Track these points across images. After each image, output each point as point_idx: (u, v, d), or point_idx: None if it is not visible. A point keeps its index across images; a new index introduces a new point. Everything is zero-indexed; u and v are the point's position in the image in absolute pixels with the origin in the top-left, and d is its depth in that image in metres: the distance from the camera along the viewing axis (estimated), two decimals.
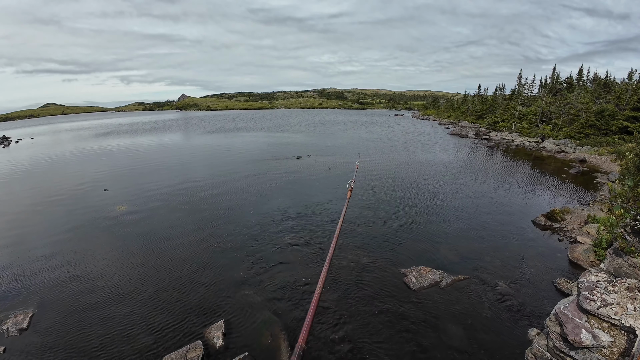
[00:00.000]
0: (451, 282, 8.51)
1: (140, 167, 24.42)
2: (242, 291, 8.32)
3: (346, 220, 12.86)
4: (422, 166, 23.52)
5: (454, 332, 6.76)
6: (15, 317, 7.34)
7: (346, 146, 34.12)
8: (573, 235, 11.10)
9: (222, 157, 28.17)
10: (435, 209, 14.26)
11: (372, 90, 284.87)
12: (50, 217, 14.17)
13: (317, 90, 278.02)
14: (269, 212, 13.95)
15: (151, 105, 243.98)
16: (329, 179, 19.57)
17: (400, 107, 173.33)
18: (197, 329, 6.95)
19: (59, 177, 21.94)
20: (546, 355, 5.19)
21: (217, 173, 21.75)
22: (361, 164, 23.65)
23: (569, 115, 37.17)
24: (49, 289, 8.60)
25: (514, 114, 46.77)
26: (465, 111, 72.25)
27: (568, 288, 7.91)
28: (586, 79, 54.84)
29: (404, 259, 9.83)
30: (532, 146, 33.78)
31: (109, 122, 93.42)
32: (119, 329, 7.03)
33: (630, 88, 35.84)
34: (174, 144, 39.09)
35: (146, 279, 8.97)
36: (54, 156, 32.00)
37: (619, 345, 4.28)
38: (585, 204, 14.65)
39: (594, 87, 46.02)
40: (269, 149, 32.61)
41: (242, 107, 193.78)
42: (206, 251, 10.56)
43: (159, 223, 13.06)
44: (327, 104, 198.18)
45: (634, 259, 5.22)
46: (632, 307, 4.44)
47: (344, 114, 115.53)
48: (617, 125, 31.71)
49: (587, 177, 20.15)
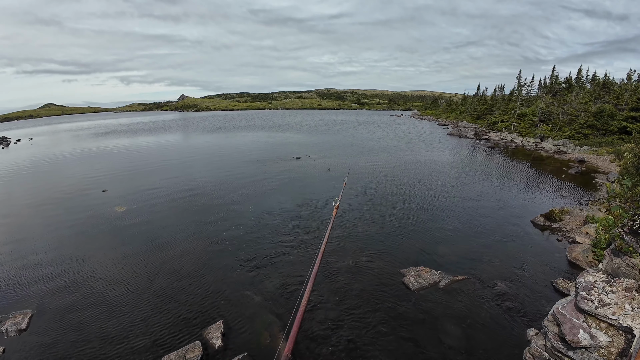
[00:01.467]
0: (450, 282, 8.52)
1: (139, 168, 24.41)
2: (241, 292, 8.32)
3: (347, 220, 12.90)
4: (421, 166, 23.54)
5: (453, 332, 6.77)
6: (14, 318, 7.35)
7: (346, 147, 34.13)
8: (572, 235, 11.12)
9: (221, 158, 28.16)
10: (434, 210, 14.27)
11: (372, 90, 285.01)
12: (49, 217, 14.16)
13: (316, 90, 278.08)
14: (269, 213, 13.95)
15: (150, 105, 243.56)
16: (328, 180, 19.57)
17: (399, 107, 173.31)
18: (196, 330, 6.96)
19: (58, 178, 21.94)
20: (544, 355, 5.20)
21: (216, 174, 21.74)
22: (363, 166, 23.68)
23: (568, 115, 37.22)
24: (48, 289, 8.61)
25: (513, 114, 46.82)
26: (464, 111, 72.30)
27: (567, 288, 7.92)
28: (585, 80, 54.90)
29: (403, 259, 9.84)
30: (531, 146, 33.82)
31: (108, 123, 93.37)
32: (118, 329, 7.03)
33: (629, 88, 35.89)
34: (173, 145, 39.07)
35: (145, 280, 8.98)
36: (53, 157, 31.98)
37: (616, 345, 4.29)
38: (584, 204, 14.67)
39: (593, 88, 46.08)
40: (269, 150, 32.62)
41: (241, 108, 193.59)
42: (205, 252, 10.56)
43: (158, 223, 13.06)
44: (327, 104, 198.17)
45: (632, 259, 5.23)
46: (629, 307, 4.45)
47: (344, 115, 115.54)
48: (616, 125, 31.75)
49: (586, 177, 20.17)
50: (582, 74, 55.31)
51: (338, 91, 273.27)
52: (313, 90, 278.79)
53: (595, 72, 55.16)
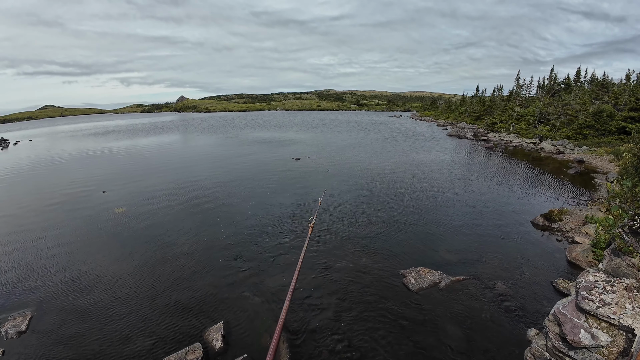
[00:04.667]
0: (450, 282, 8.52)
1: (139, 169, 24.38)
2: (242, 293, 8.31)
3: (346, 220, 12.90)
4: (421, 167, 23.56)
5: (453, 333, 6.76)
6: (13, 320, 7.32)
7: (345, 147, 34.13)
8: (571, 235, 11.13)
9: (221, 159, 28.15)
10: (433, 210, 14.28)
11: (371, 91, 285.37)
12: (48, 219, 14.12)
13: (315, 92, 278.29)
14: (269, 214, 13.95)
15: (149, 107, 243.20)
16: (328, 180, 19.57)
17: (398, 108, 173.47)
18: (196, 331, 6.94)
19: (58, 179, 21.89)
20: (545, 355, 5.20)
21: (216, 175, 21.73)
22: (363, 166, 23.69)
23: (566, 115, 37.31)
24: (47, 291, 8.58)
25: (512, 114, 46.93)
26: (463, 112, 72.43)
27: (567, 288, 7.93)
28: (584, 80, 55.10)
29: (403, 260, 9.84)
30: (530, 147, 33.87)
31: (107, 124, 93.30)
32: (117, 331, 7.01)
33: (627, 89, 36.01)
34: (172, 146, 39.03)
35: (145, 281, 8.96)
36: (52, 158, 31.91)
37: (617, 345, 4.29)
38: (583, 204, 14.69)
39: (592, 88, 46.21)
40: (268, 151, 32.61)
41: (240, 109, 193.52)
42: (205, 252, 10.55)
43: (158, 225, 13.04)
44: (326, 105, 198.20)
45: (632, 258, 5.24)
46: (630, 307, 4.46)
47: (343, 115, 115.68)
48: (614, 125, 31.83)
49: (585, 177, 20.21)
50: (580, 74, 55.54)
51: (337, 92, 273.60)
52: (312, 92, 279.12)
53: (593, 73, 55.47)
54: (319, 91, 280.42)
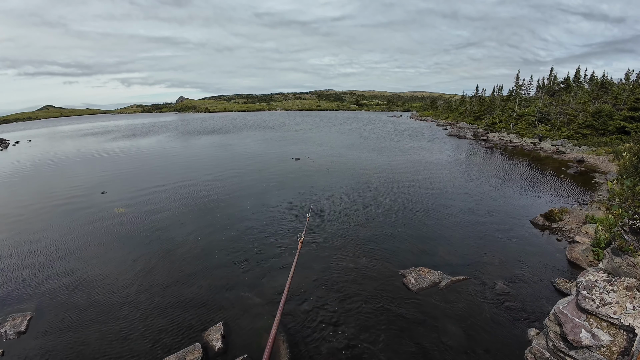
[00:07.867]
0: (450, 282, 8.51)
1: (138, 169, 24.36)
2: (241, 293, 8.30)
3: (346, 221, 12.89)
4: (420, 167, 23.55)
5: (454, 333, 6.75)
6: (13, 320, 7.30)
7: (345, 147, 34.12)
8: (571, 235, 11.12)
9: (220, 160, 28.14)
10: (433, 210, 14.27)
11: (371, 91, 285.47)
12: (48, 219, 14.11)
13: (315, 92, 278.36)
14: (269, 215, 13.94)
15: (149, 107, 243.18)
16: (328, 180, 19.56)
17: (398, 108, 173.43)
18: (196, 332, 6.92)
19: (57, 179, 21.87)
20: (546, 355, 5.19)
21: (215, 175, 21.71)
22: (362, 166, 23.71)
23: (566, 115, 37.32)
24: (47, 291, 8.56)
25: (511, 114, 46.93)
26: (463, 112, 72.43)
27: (567, 288, 7.92)
28: (583, 80, 55.14)
29: (403, 259, 9.83)
30: (529, 147, 33.87)
31: (106, 125, 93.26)
32: (117, 331, 6.99)
33: (627, 88, 36.05)
34: (172, 146, 38.99)
35: (145, 282, 8.94)
36: (52, 158, 31.89)
37: (618, 344, 4.28)
38: (583, 203, 14.68)
39: (592, 88, 46.25)
40: (268, 151, 32.60)
41: (240, 109, 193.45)
42: (205, 253, 10.53)
43: (158, 225, 13.02)
44: (325, 105, 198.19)
45: (633, 258, 5.23)
46: (631, 306, 4.45)
47: (342, 116, 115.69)
48: (614, 125, 31.84)
49: (585, 177, 20.21)
50: (580, 74, 55.57)
51: (337, 92, 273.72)
52: (312, 92, 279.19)
53: (593, 73, 55.49)
54: (319, 91, 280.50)
